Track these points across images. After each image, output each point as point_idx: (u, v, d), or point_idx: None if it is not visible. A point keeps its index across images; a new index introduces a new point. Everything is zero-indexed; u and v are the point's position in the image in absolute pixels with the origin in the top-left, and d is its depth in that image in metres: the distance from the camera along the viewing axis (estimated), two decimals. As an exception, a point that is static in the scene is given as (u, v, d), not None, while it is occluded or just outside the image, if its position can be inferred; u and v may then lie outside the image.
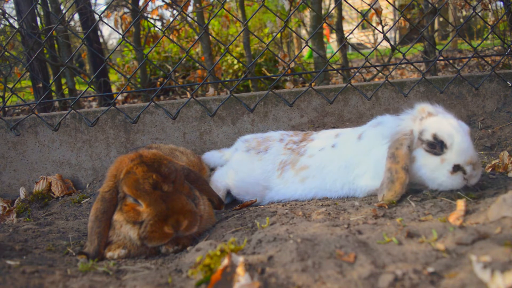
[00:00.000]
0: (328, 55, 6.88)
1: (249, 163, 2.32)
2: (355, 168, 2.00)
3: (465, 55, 7.96)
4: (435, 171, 1.74)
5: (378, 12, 4.78)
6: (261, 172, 2.27)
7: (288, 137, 2.38)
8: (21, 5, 4.20)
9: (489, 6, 4.46)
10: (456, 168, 1.69)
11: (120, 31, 6.25)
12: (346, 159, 2.04)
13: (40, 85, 4.34)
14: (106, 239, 1.59)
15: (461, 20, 6.88)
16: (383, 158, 1.83)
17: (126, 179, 1.54)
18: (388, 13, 10.92)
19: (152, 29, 6.63)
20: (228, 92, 2.87)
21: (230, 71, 7.16)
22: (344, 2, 3.25)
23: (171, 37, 6.04)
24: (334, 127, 2.87)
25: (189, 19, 5.77)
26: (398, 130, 1.87)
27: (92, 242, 1.57)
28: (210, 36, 5.37)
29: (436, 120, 1.79)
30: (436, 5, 4.23)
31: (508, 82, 3.07)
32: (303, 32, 9.40)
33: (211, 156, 2.65)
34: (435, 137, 1.73)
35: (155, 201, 1.51)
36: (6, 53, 3.25)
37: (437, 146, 1.73)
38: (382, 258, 1.14)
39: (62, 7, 5.89)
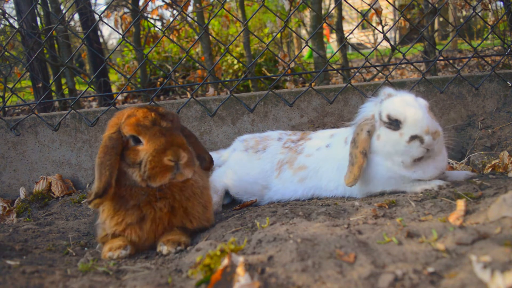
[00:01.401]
0: (328, 55, 6.87)
1: (247, 162, 2.32)
2: None
3: (465, 55, 7.96)
4: (396, 144, 1.85)
5: (378, 12, 4.78)
6: (259, 171, 2.27)
7: (286, 136, 2.39)
8: (21, 5, 4.20)
9: (489, 6, 4.46)
10: (413, 138, 1.81)
11: (120, 31, 6.24)
12: (338, 161, 2.09)
13: (40, 85, 4.33)
14: (116, 173, 1.56)
15: (461, 20, 6.88)
16: (367, 166, 1.96)
17: (128, 120, 1.59)
18: (388, 13, 10.92)
19: (152, 29, 6.63)
20: (228, 92, 2.87)
21: (230, 71, 7.16)
22: (344, 2, 3.26)
23: (171, 37, 6.04)
24: (334, 127, 2.87)
25: (189, 19, 5.77)
26: (361, 116, 2.01)
27: (102, 175, 1.52)
28: (210, 36, 5.37)
29: (392, 100, 1.91)
30: (436, 5, 4.23)
31: (508, 82, 3.07)
32: (303, 32, 9.40)
33: None
34: (389, 117, 1.86)
35: (154, 135, 1.54)
36: (6, 53, 3.25)
37: (393, 124, 1.85)
38: (382, 258, 1.14)
39: (62, 7, 5.89)
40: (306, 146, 2.25)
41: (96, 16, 6.09)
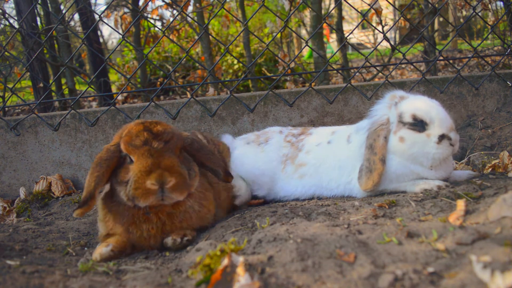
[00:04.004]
0: (328, 55, 6.87)
1: (252, 155, 2.31)
2: (351, 172, 2.04)
3: (465, 55, 7.96)
4: (425, 146, 1.86)
5: (378, 12, 4.78)
6: (264, 162, 2.26)
7: (287, 130, 2.40)
8: (21, 5, 4.20)
9: (489, 6, 4.46)
10: (441, 137, 1.85)
11: (120, 31, 6.24)
12: (339, 160, 2.09)
13: (40, 85, 4.33)
14: (102, 185, 1.57)
15: (461, 20, 6.88)
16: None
17: (124, 137, 1.58)
18: (388, 13, 10.92)
19: (152, 29, 6.63)
20: (228, 92, 2.87)
21: (230, 71, 7.16)
22: (344, 2, 3.26)
23: (171, 37, 6.04)
24: (334, 127, 2.87)
25: (189, 19, 5.77)
26: (375, 120, 1.98)
27: (88, 186, 1.53)
28: (210, 36, 5.37)
29: (411, 102, 1.94)
30: (436, 5, 4.23)
31: (508, 82, 3.07)
32: (303, 32, 9.40)
33: None
34: (414, 117, 1.87)
35: (142, 155, 1.51)
36: (6, 53, 3.25)
37: (418, 125, 1.87)
38: (382, 258, 1.14)
39: (62, 7, 5.88)
40: (306, 142, 2.25)
41: (96, 16, 6.09)
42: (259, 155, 2.29)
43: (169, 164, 1.51)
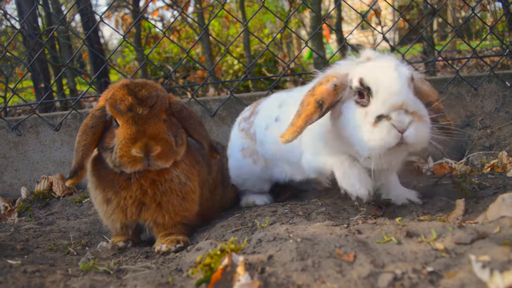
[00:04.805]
0: (328, 56, 6.88)
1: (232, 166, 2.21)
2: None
3: (464, 55, 7.96)
4: (357, 127, 1.40)
5: (378, 13, 4.79)
6: (236, 167, 2.14)
7: (240, 116, 2.20)
8: (22, 6, 4.21)
9: (488, 6, 4.47)
10: (379, 118, 1.35)
11: (121, 32, 6.26)
12: (301, 142, 1.71)
13: (42, 85, 4.34)
14: (91, 153, 1.57)
15: (460, 20, 6.89)
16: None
17: (110, 99, 1.55)
18: (387, 14, 10.92)
19: (152, 29, 6.65)
20: (228, 92, 2.88)
21: (230, 71, 7.17)
22: (343, 3, 3.27)
23: (171, 37, 6.05)
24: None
25: (189, 20, 5.78)
26: (333, 71, 1.56)
27: (76, 156, 1.54)
28: (210, 37, 5.38)
29: (369, 64, 1.48)
30: (435, 6, 4.24)
31: (506, 83, 3.07)
32: (303, 32, 9.40)
33: None
34: (361, 82, 1.43)
35: (126, 122, 1.50)
36: (7, 53, 3.25)
37: (364, 93, 1.42)
38: (382, 258, 1.15)
39: (63, 8, 5.89)
40: (256, 126, 1.96)
41: (97, 17, 6.11)
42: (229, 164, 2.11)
43: (154, 131, 1.50)
